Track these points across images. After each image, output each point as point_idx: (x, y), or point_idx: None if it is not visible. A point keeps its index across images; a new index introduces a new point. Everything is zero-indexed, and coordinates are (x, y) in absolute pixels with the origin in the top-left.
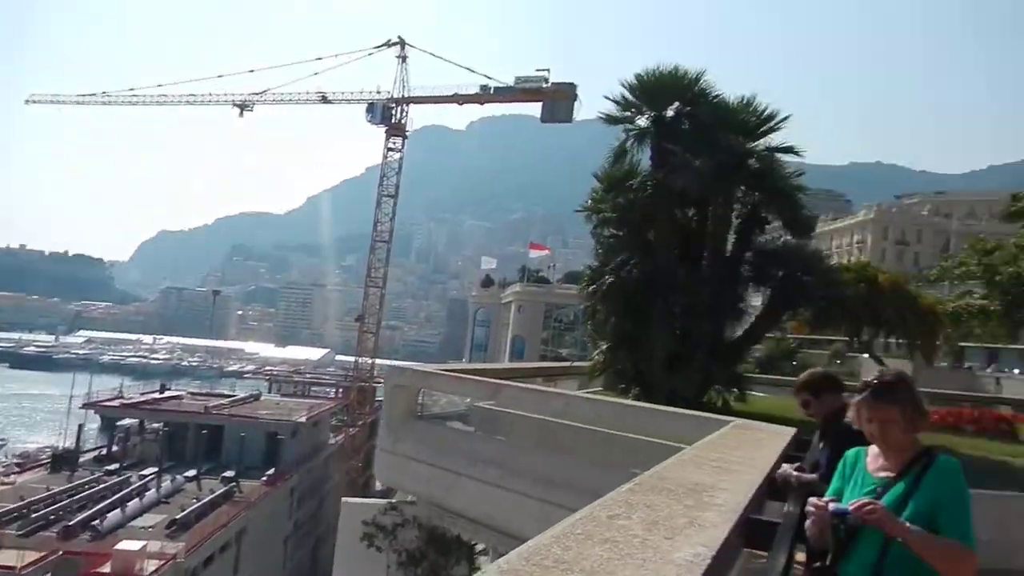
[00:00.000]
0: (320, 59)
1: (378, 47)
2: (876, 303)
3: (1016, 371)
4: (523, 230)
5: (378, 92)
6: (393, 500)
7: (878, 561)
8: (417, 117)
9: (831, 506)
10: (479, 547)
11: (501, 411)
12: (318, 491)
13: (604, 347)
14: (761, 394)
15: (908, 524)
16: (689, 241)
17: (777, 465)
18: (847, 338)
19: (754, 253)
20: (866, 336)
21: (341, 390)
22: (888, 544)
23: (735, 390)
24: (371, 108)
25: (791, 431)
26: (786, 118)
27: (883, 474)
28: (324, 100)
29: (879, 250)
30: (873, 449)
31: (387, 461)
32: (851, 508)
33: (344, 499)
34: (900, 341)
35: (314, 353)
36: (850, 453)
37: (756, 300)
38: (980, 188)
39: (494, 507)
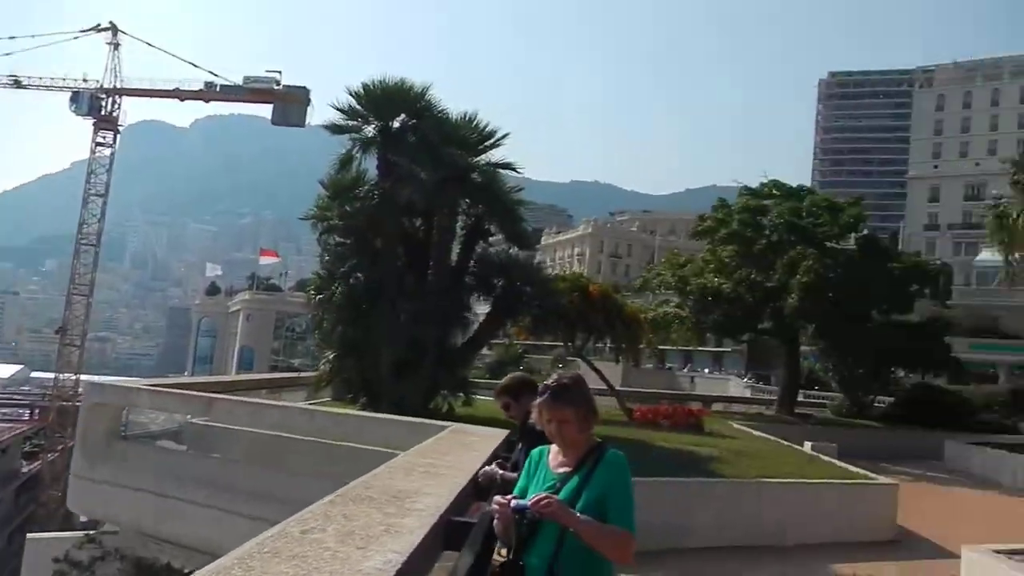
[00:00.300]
0: (13, 38)
1: (85, 31)
2: (587, 311)
3: (706, 370)
4: (252, 235)
5: (85, 80)
6: (91, 532)
7: (555, 552)
8: (133, 111)
9: (513, 503)
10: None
11: (216, 427)
12: (6, 528)
13: (331, 356)
14: (489, 398)
15: (579, 515)
16: (417, 250)
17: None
18: (561, 343)
19: (478, 263)
20: (579, 341)
21: (37, 411)
22: (564, 535)
23: (461, 395)
24: (76, 97)
25: (503, 433)
26: (505, 135)
27: (562, 470)
28: (17, 84)
29: (596, 262)
30: (555, 447)
31: (84, 489)
32: (529, 503)
33: (29, 535)
34: (610, 345)
35: (4, 370)
36: (535, 452)
37: (484, 308)
38: (679, 208)
39: (207, 530)
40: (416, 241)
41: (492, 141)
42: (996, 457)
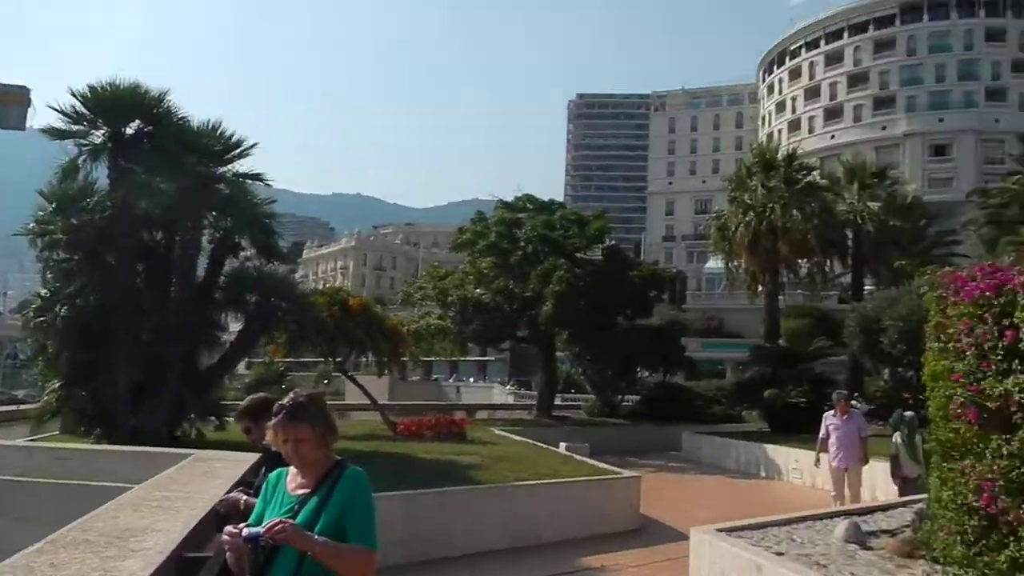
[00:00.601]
0: None
1: None
2: (348, 325)
3: (471, 379)
4: None
5: None
6: None
7: None
8: None
9: (245, 531)
10: None
11: None
12: None
13: (57, 384)
14: None
15: (316, 537)
16: (158, 266)
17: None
18: (323, 360)
19: (227, 278)
20: (341, 357)
21: None
22: (303, 560)
23: (213, 419)
24: None
25: (253, 457)
26: (254, 145)
27: (300, 491)
28: None
29: (360, 275)
30: (293, 469)
31: None
32: (262, 530)
33: None
34: (373, 359)
35: None
36: (272, 475)
37: (238, 326)
38: (442, 221)
39: None
40: (157, 256)
41: (239, 151)
42: (722, 445)
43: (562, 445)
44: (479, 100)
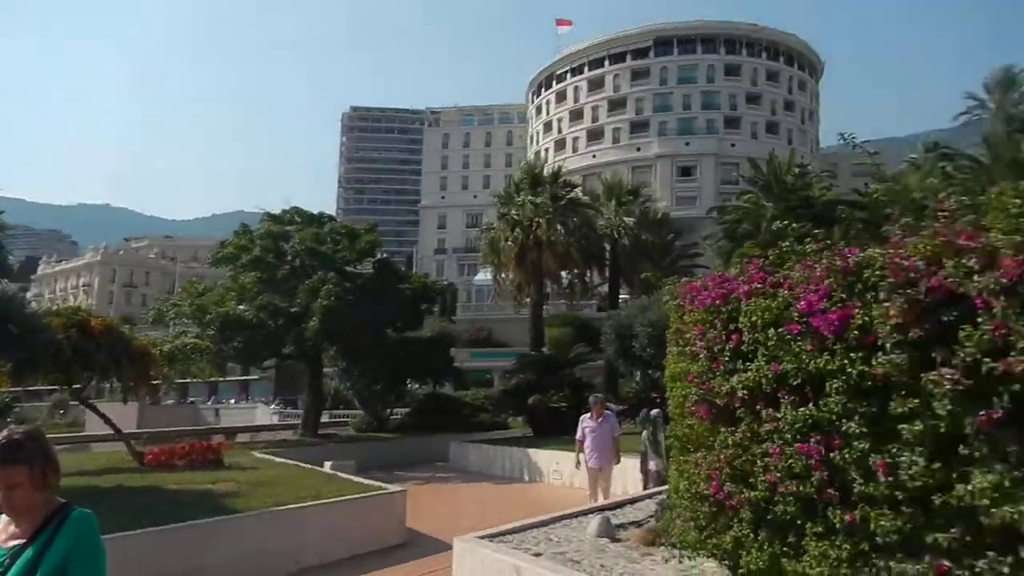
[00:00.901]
0: None
1: None
2: (88, 348)
3: (232, 400)
4: None
5: None
6: None
7: None
8: None
9: None
10: None
11: None
12: None
13: None
14: None
15: None
16: None
17: None
18: (59, 387)
19: None
20: (79, 384)
21: None
22: None
23: None
24: None
25: None
26: None
27: (13, 543)
28: None
29: (107, 292)
30: (5, 517)
31: None
32: None
33: None
34: (118, 385)
35: None
36: None
37: None
38: (204, 234)
39: None
40: None
41: None
42: (488, 452)
43: (327, 464)
44: (248, 109)
